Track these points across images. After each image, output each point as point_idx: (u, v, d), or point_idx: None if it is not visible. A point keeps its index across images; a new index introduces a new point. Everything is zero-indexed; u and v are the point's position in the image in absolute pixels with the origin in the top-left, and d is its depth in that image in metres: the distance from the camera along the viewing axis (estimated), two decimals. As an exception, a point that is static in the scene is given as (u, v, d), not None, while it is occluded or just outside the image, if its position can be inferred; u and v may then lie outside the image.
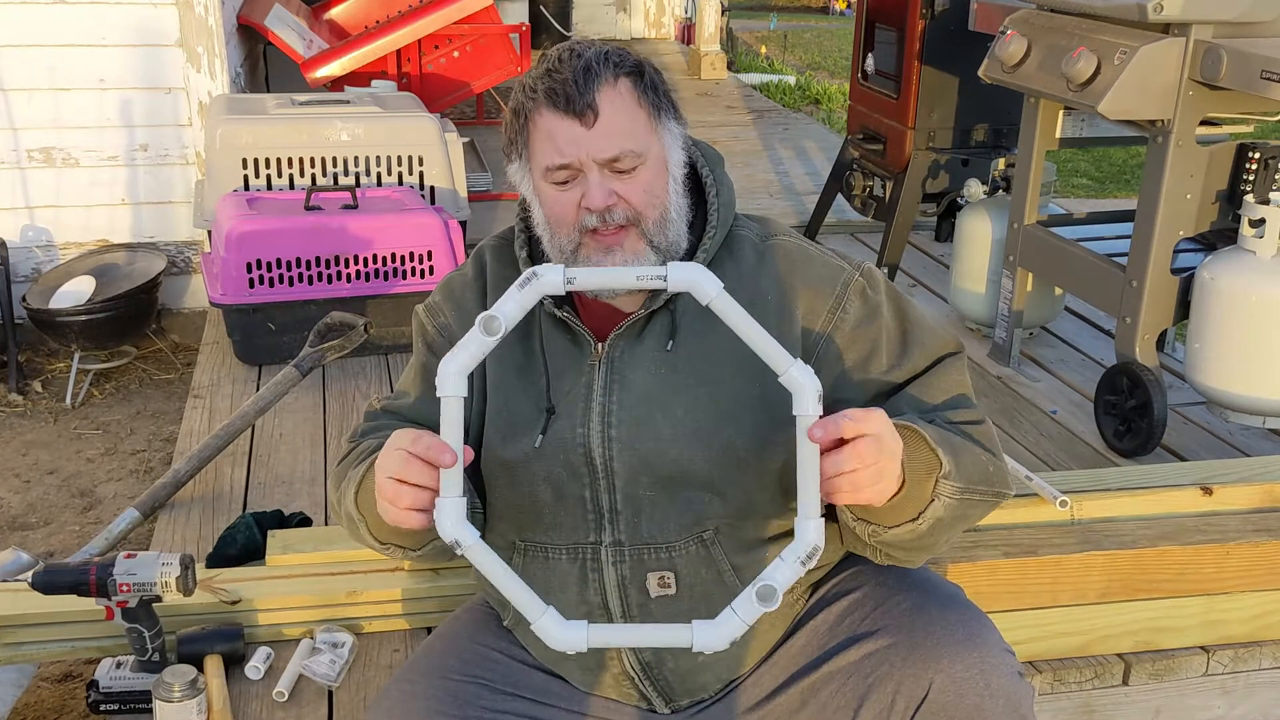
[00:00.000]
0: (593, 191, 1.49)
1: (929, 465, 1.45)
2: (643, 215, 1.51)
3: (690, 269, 1.33)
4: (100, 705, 1.97)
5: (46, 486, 3.50)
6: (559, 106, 1.48)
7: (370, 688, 2.04)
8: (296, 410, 3.27)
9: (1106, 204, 6.62)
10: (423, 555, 1.60)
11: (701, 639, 1.31)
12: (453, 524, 1.32)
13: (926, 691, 1.50)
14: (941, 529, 1.49)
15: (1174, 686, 2.25)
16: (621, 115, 1.49)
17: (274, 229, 3.54)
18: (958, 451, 1.48)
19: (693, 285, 1.32)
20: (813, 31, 13.54)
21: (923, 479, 1.44)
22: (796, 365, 1.32)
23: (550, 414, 1.57)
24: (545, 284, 1.33)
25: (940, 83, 4.10)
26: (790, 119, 7.47)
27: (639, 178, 1.50)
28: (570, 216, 1.51)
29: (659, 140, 1.53)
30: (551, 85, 1.48)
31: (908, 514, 1.46)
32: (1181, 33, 2.83)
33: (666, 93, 1.56)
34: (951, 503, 1.47)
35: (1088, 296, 3.32)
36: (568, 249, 1.53)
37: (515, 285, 1.34)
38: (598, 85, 1.48)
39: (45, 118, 4.22)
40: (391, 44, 5.14)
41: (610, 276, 1.38)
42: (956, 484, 1.46)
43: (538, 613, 1.32)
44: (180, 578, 1.94)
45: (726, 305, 1.33)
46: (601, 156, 1.48)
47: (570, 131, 1.48)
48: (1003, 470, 1.56)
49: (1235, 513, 2.33)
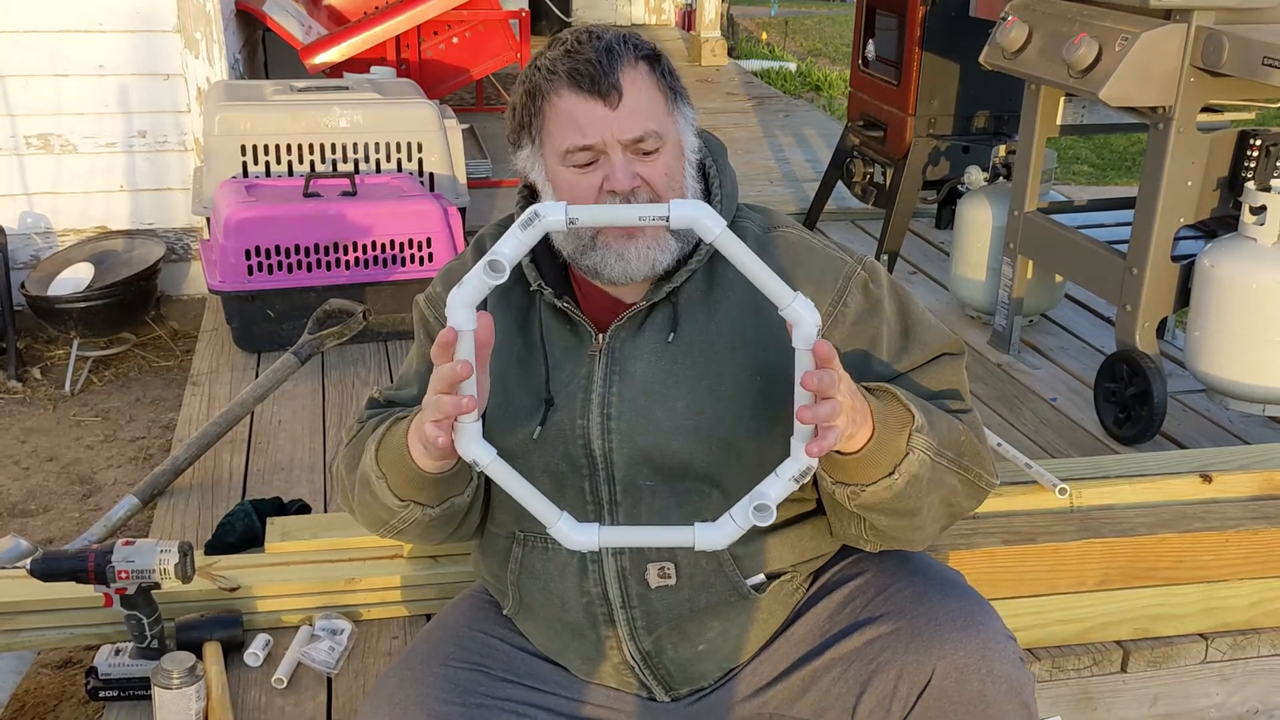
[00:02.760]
0: (617, 173, 1.47)
1: (901, 419, 1.45)
2: (664, 199, 1.49)
3: (693, 205, 1.31)
4: (99, 692, 1.98)
5: (46, 473, 3.50)
6: (582, 87, 1.47)
7: (369, 675, 2.04)
8: (295, 397, 3.27)
9: (1107, 191, 6.61)
10: (436, 519, 1.57)
11: (702, 539, 1.35)
12: (470, 442, 1.35)
13: (929, 678, 1.50)
14: (919, 490, 1.47)
15: (1172, 674, 2.26)
16: (644, 96, 1.48)
17: (273, 216, 3.53)
18: (931, 413, 1.49)
19: (695, 222, 1.30)
20: (814, 18, 13.50)
21: (895, 432, 1.44)
22: (799, 299, 1.31)
23: (549, 405, 1.56)
24: (548, 222, 1.31)
25: (941, 69, 4.09)
26: (791, 105, 7.46)
27: (660, 160, 1.50)
28: (590, 201, 1.49)
29: (675, 125, 1.53)
30: (574, 66, 1.47)
31: (883, 468, 1.44)
32: (1183, 19, 2.82)
33: (679, 79, 1.56)
34: (925, 459, 1.46)
35: (1088, 284, 3.32)
36: (586, 235, 1.51)
37: (517, 225, 1.32)
38: (621, 66, 1.47)
39: (43, 104, 4.21)
40: (390, 30, 5.11)
41: (613, 214, 1.36)
42: (929, 439, 1.46)
43: (554, 518, 1.37)
44: (179, 565, 1.94)
45: (729, 242, 1.31)
46: (626, 137, 1.47)
47: (594, 112, 1.47)
48: (981, 454, 1.56)
49: (1234, 500, 2.33)
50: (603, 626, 1.60)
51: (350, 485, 1.63)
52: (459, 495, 1.55)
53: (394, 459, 1.50)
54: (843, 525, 1.60)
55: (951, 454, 1.51)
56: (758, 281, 1.32)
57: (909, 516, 1.52)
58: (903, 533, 1.56)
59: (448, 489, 1.53)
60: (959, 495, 1.55)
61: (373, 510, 1.59)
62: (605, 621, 1.60)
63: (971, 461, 1.54)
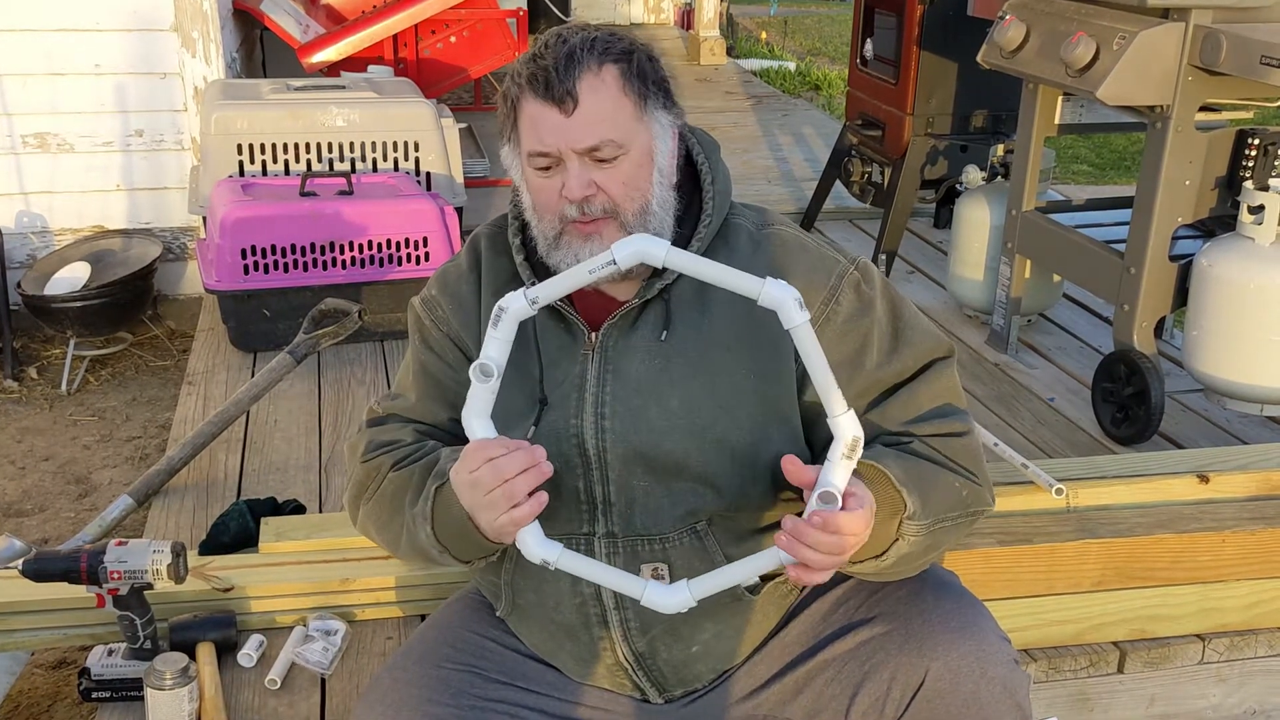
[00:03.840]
0: (571, 182, 1.47)
1: (894, 507, 1.45)
2: (621, 207, 1.49)
3: (633, 241, 1.36)
4: (92, 693, 1.97)
5: (41, 473, 3.50)
6: (539, 93, 1.46)
7: (363, 676, 2.04)
8: (291, 397, 3.26)
9: (1105, 190, 6.60)
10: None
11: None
12: (536, 544, 1.42)
13: (923, 679, 1.50)
14: (911, 560, 1.50)
15: (1169, 675, 2.25)
16: (604, 104, 1.46)
17: (269, 215, 3.52)
18: (926, 488, 1.48)
19: (643, 255, 1.36)
20: (813, 17, 13.49)
21: (886, 520, 1.44)
22: (768, 283, 1.33)
23: (543, 405, 1.56)
24: (514, 313, 1.39)
25: (939, 68, 4.08)
26: (789, 105, 7.45)
27: (619, 169, 1.48)
28: (553, 204, 1.50)
29: (645, 130, 1.50)
30: (534, 71, 1.47)
31: (870, 552, 1.46)
32: (1181, 17, 2.81)
33: (660, 80, 1.53)
34: (917, 540, 1.47)
35: (1086, 283, 3.31)
36: (550, 236, 1.52)
37: (490, 326, 1.40)
38: (579, 73, 1.45)
39: (40, 103, 4.20)
40: (388, 29, 5.11)
41: (567, 281, 1.40)
42: (922, 523, 1.46)
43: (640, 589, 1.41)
44: (171, 565, 1.93)
45: (679, 258, 1.35)
46: (580, 146, 1.46)
47: (551, 119, 1.46)
48: (979, 490, 1.55)
49: (1231, 500, 2.33)
50: (596, 627, 1.60)
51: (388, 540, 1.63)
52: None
53: (455, 533, 1.50)
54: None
55: (954, 514, 1.51)
56: (724, 283, 1.35)
57: (900, 574, 1.55)
58: (896, 578, 1.57)
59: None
60: (952, 537, 1.56)
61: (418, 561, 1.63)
62: (599, 622, 1.59)
63: (972, 504, 1.54)
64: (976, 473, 1.55)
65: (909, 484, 1.46)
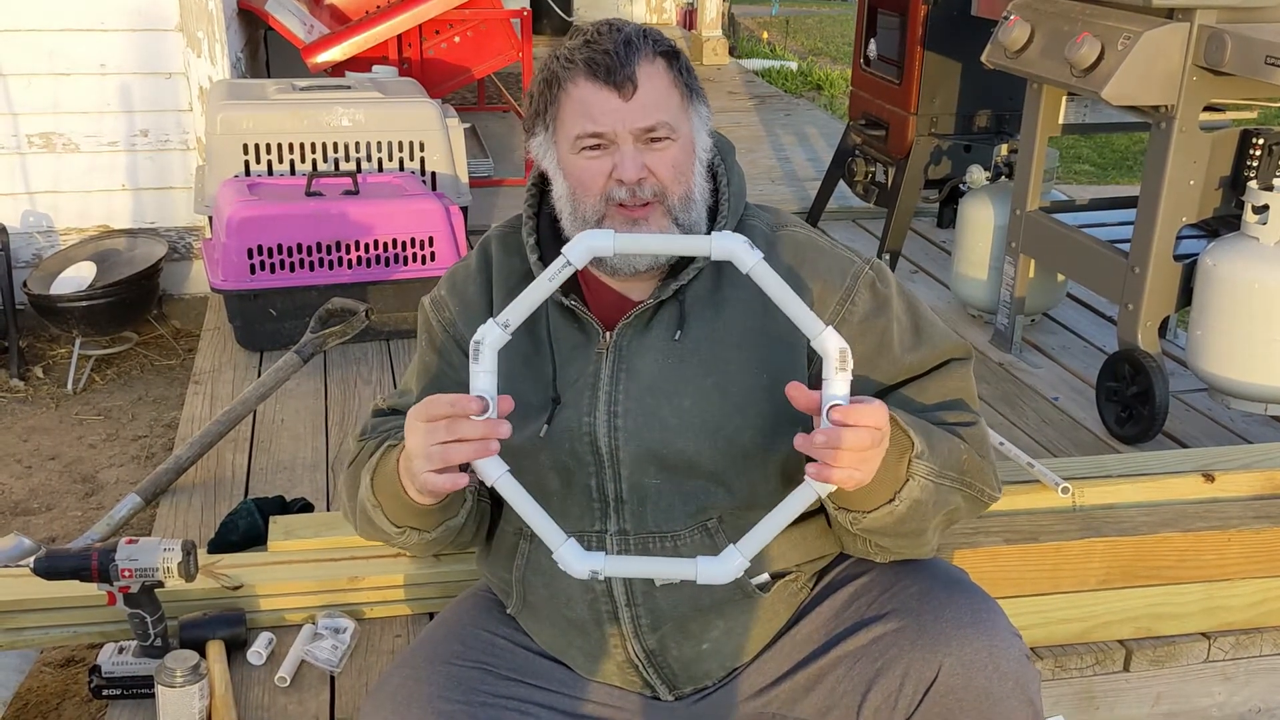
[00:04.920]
0: (625, 163, 1.48)
1: (901, 446, 1.45)
2: (669, 191, 1.51)
3: (580, 239, 1.37)
4: (102, 690, 1.98)
5: (48, 472, 3.50)
6: (598, 76, 1.48)
7: (372, 673, 2.04)
8: (298, 396, 3.27)
9: (1109, 190, 6.60)
10: (434, 540, 1.59)
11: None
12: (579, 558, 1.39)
13: (936, 674, 1.51)
14: (921, 513, 1.49)
15: (1175, 673, 2.26)
16: (659, 90, 1.50)
17: (275, 215, 3.53)
18: (932, 436, 1.49)
19: (594, 250, 1.37)
20: (815, 17, 13.49)
21: (894, 460, 1.44)
22: (715, 236, 1.36)
23: (556, 403, 1.56)
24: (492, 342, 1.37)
25: (942, 68, 4.08)
26: (792, 105, 7.45)
27: (669, 153, 1.50)
28: (598, 185, 1.50)
29: (689, 122, 1.54)
30: (591, 55, 1.48)
31: (883, 495, 1.46)
32: (1185, 18, 2.82)
33: (697, 80, 1.57)
34: (928, 484, 1.47)
35: (1090, 283, 3.32)
36: (591, 219, 1.52)
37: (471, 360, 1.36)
38: (638, 59, 1.49)
39: (45, 103, 4.21)
40: (392, 29, 5.11)
41: (532, 296, 1.39)
42: (930, 464, 1.46)
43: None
44: (182, 563, 1.94)
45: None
46: (637, 126, 1.48)
47: (607, 102, 1.48)
48: (984, 469, 1.56)
49: (1236, 499, 2.33)
50: (607, 624, 1.61)
51: (352, 509, 1.64)
52: (454, 518, 1.57)
53: (389, 491, 1.51)
54: (849, 542, 1.62)
55: (954, 474, 1.51)
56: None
57: (914, 536, 1.54)
58: (908, 550, 1.58)
59: (443, 515, 1.55)
60: (961, 510, 1.57)
61: (373, 533, 1.62)
62: (609, 619, 1.60)
63: (974, 478, 1.55)
64: (984, 455, 1.56)
65: (914, 426, 1.47)
